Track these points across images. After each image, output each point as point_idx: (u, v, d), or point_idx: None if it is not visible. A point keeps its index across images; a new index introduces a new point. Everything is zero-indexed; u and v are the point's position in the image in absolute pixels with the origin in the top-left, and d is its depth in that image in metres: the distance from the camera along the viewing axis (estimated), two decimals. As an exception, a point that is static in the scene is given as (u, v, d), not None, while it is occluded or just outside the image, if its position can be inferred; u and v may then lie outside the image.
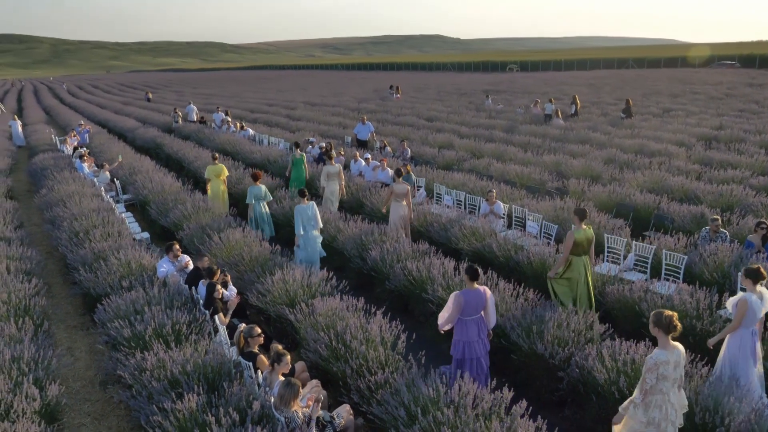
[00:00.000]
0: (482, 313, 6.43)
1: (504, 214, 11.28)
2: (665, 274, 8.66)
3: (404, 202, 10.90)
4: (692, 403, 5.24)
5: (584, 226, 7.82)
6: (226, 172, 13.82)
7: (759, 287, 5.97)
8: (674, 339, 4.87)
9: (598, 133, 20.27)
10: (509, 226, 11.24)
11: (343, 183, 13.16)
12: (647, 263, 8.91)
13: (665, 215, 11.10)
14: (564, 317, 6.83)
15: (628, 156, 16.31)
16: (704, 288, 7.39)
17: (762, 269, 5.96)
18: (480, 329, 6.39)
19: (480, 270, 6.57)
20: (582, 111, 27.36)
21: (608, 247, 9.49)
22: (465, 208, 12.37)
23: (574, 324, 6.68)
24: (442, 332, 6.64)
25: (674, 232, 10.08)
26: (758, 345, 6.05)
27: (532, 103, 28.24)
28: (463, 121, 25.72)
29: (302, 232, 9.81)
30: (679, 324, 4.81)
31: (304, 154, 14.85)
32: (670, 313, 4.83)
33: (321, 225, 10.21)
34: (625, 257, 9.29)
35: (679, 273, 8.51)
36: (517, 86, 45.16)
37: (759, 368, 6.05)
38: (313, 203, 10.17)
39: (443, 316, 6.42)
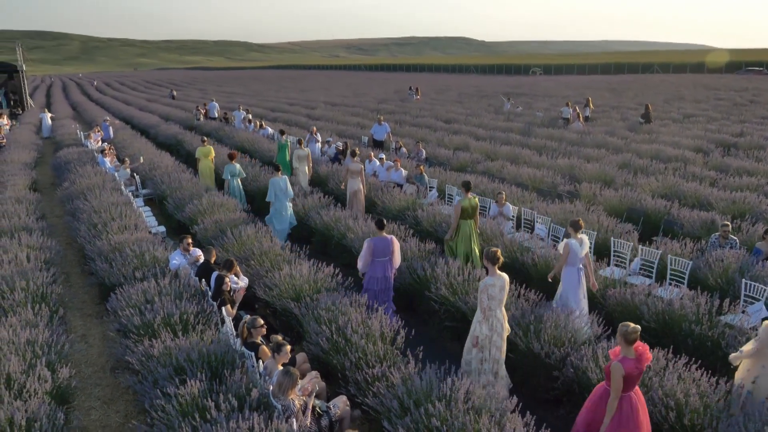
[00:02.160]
0: (390, 256, 8.06)
1: (513, 216, 11.36)
2: (670, 279, 8.68)
3: (358, 179, 12.61)
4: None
5: (469, 196, 9.43)
6: (213, 153, 15.99)
7: (579, 234, 7.63)
8: (500, 269, 6.46)
9: (615, 138, 20.20)
10: (518, 228, 11.31)
11: (311, 165, 15.13)
12: (653, 268, 8.94)
13: (675, 221, 11.09)
14: (562, 318, 6.92)
15: (643, 161, 16.24)
16: (705, 293, 7.42)
17: (581, 221, 7.71)
18: (386, 269, 8.09)
19: (385, 221, 8.31)
20: (601, 115, 27.28)
21: (614, 251, 9.52)
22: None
23: (571, 324, 6.77)
24: (362, 276, 8.21)
25: (683, 237, 10.07)
26: (583, 279, 7.65)
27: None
28: (480, 124, 25.79)
29: (273, 200, 11.78)
30: (501, 258, 6.47)
31: (288, 140, 16.84)
32: (495, 249, 6.44)
33: (292, 195, 12.12)
34: (631, 261, 9.33)
35: (684, 278, 8.54)
36: (539, 89, 45.05)
37: (585, 299, 7.67)
38: (285, 177, 12.09)
39: (360, 261, 8.09)
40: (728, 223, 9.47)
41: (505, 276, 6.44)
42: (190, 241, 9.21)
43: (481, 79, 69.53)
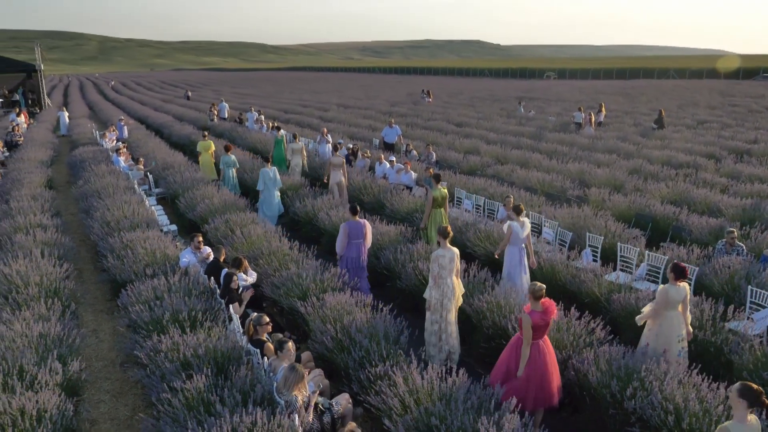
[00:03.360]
0: (363, 239, 8.94)
1: (521, 220, 11.39)
2: (676, 284, 8.67)
3: (340, 171, 13.86)
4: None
5: (440, 187, 10.45)
6: (213, 147, 17.36)
7: (521, 218, 8.75)
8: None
9: (627, 143, 20.16)
10: (525, 232, 11.34)
11: (306, 158, 16.54)
12: (659, 273, 8.95)
13: (684, 227, 11.07)
14: (565, 323, 6.97)
15: (654, 167, 16.21)
16: (710, 299, 7.43)
17: (522, 206, 8.78)
18: (360, 250, 8.98)
19: (358, 206, 9.17)
20: (614, 120, 27.20)
21: (621, 256, 9.54)
22: (484, 212, 12.53)
23: (574, 328, 6.81)
24: (339, 258, 9.02)
25: (691, 244, 10.06)
26: (524, 258, 8.77)
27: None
28: (492, 128, 25.81)
29: (263, 189, 12.93)
30: (451, 233, 7.44)
31: (284, 136, 18.23)
32: (446, 225, 7.57)
33: (281, 185, 13.31)
34: (637, 266, 9.34)
35: (690, 284, 8.53)
36: (552, 94, 44.93)
37: (527, 275, 8.72)
38: (275, 168, 13.28)
39: (338, 245, 8.93)
40: (734, 230, 9.45)
41: (455, 249, 7.34)
42: (200, 239, 9.36)
43: (495, 83, 69.44)
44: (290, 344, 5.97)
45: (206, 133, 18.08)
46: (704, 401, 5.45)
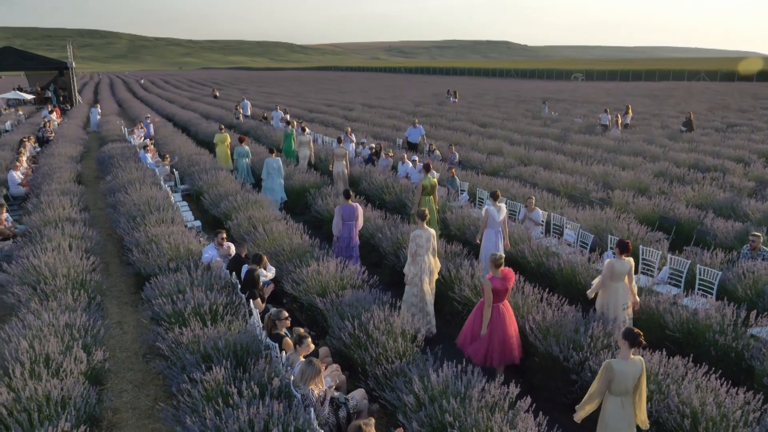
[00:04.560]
0: (355, 221, 9.77)
1: (542, 222, 11.36)
2: (699, 288, 8.58)
3: (343, 162, 15.08)
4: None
5: (429, 176, 11.38)
6: (229, 139, 18.72)
7: (498, 203, 9.55)
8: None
9: (653, 146, 19.90)
10: (546, 233, 11.30)
11: (312, 149, 17.79)
12: (682, 277, 8.84)
13: (708, 231, 10.91)
14: (584, 324, 6.94)
15: (681, 170, 15.98)
16: (732, 304, 7.32)
17: (498, 192, 9.82)
18: (352, 231, 9.78)
19: (351, 191, 10.13)
20: (641, 123, 26.85)
21: (643, 259, 9.45)
22: (505, 213, 12.48)
23: (592, 330, 6.78)
24: (336, 239, 9.79)
25: (715, 248, 9.92)
26: (500, 241, 9.51)
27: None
28: (516, 129, 25.68)
29: (266, 178, 14.43)
30: (428, 215, 8.25)
31: (294, 130, 19.64)
32: (424, 209, 8.32)
33: (284, 174, 14.66)
34: (659, 270, 9.24)
35: (713, 288, 8.43)
36: (578, 95, 44.50)
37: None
38: (278, 159, 14.60)
39: (334, 228, 9.76)
40: (758, 234, 9.28)
41: (432, 230, 8.16)
42: (224, 236, 9.51)
43: (521, 84, 68.95)
44: (309, 339, 6.05)
45: (222, 127, 19.97)
46: (722, 406, 5.41)
